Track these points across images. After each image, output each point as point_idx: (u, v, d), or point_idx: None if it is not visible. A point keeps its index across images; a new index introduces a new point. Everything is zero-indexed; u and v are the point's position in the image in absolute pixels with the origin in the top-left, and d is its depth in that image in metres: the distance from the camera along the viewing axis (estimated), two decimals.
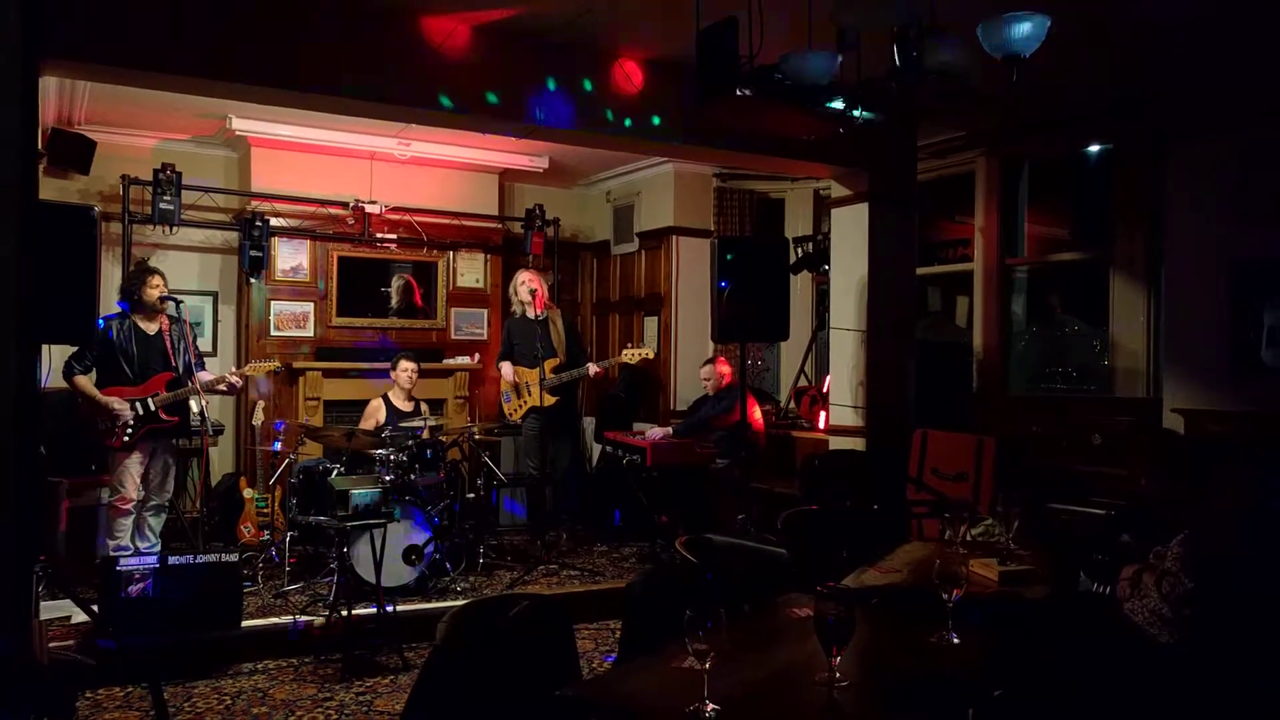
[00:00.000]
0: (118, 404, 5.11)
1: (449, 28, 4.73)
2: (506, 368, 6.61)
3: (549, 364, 6.49)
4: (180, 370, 5.35)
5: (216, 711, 3.91)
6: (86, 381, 5.13)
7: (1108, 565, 2.86)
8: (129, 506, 5.23)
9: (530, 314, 6.48)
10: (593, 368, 6.57)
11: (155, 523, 5.40)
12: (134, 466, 5.21)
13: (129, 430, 5.13)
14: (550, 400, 6.45)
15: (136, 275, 5.44)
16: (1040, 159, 6.67)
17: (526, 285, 6.49)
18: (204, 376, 5.34)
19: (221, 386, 5.52)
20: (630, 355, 6.49)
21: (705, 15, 3.32)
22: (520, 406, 6.57)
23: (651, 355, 6.69)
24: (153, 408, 5.20)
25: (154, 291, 5.27)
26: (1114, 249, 5.99)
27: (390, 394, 6.28)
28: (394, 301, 7.69)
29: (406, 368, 6.25)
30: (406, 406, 6.24)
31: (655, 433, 6.61)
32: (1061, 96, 5.76)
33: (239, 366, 7.05)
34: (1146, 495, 3.02)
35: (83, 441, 5.49)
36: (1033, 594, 2.87)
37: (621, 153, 7.22)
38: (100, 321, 5.03)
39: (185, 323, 5.37)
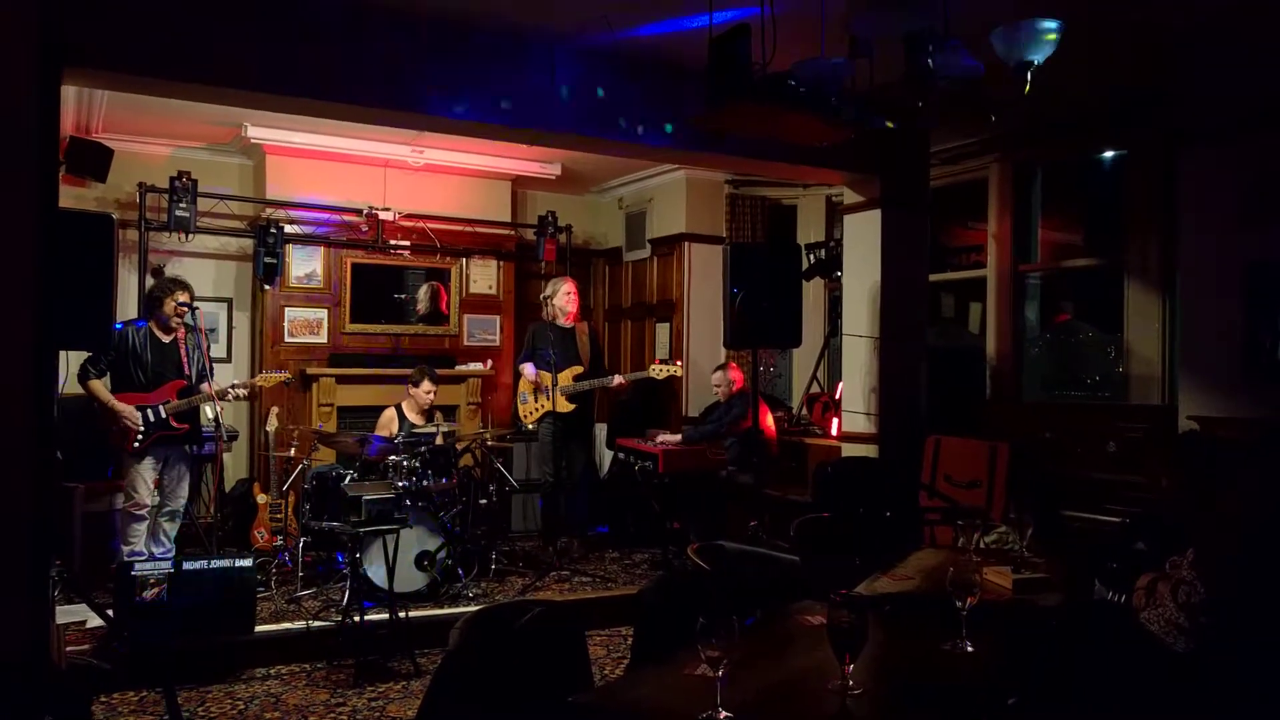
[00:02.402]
0: (129, 411, 5.14)
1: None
2: (529, 368, 6.56)
3: (570, 371, 6.49)
4: (193, 379, 5.38)
5: (230, 716, 3.92)
6: (101, 386, 5.16)
7: (1122, 573, 2.83)
8: (143, 512, 5.27)
9: (561, 322, 6.53)
10: (618, 378, 6.54)
11: (170, 528, 5.42)
12: (147, 472, 5.25)
13: (140, 436, 5.17)
14: (568, 407, 6.44)
15: (167, 286, 5.40)
16: (1053, 165, 6.65)
17: (570, 295, 6.56)
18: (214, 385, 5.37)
19: (230, 396, 5.52)
20: (658, 371, 6.43)
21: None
22: (537, 410, 6.55)
23: (680, 373, 6.63)
24: (164, 415, 5.23)
25: (174, 307, 5.28)
26: (1128, 254, 5.96)
27: (404, 405, 6.29)
28: (420, 307, 7.72)
29: (428, 390, 6.19)
30: (420, 420, 6.24)
31: (665, 440, 6.57)
32: (1074, 102, 5.74)
33: (254, 373, 7.09)
34: (1164, 501, 3.00)
35: (98, 447, 5.53)
36: (1047, 602, 2.86)
37: (633, 159, 7.23)
38: (119, 324, 5.08)
39: (200, 330, 5.40)
